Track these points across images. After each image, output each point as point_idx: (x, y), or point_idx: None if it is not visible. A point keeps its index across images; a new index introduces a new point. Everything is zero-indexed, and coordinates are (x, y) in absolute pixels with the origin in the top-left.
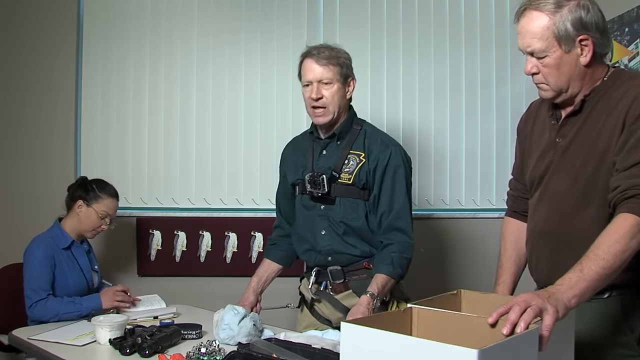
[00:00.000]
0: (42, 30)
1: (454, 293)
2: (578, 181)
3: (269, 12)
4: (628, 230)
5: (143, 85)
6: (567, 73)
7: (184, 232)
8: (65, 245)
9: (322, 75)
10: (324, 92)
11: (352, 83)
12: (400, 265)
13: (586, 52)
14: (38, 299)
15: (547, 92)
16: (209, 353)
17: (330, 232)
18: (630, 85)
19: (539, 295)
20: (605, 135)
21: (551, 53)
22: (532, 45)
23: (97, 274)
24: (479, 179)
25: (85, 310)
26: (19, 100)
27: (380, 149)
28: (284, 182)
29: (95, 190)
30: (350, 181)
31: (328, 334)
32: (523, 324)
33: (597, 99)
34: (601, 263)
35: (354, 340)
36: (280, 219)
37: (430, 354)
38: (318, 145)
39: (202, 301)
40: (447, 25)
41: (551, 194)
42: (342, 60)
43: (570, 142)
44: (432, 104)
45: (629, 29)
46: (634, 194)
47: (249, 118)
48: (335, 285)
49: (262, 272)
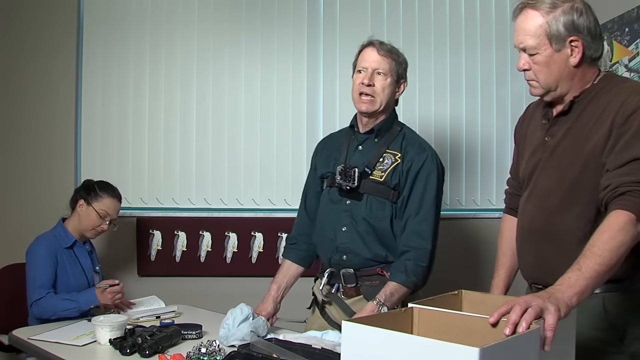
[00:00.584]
0: (42, 30)
1: (455, 293)
2: (564, 181)
3: (268, 13)
4: (622, 227)
5: (143, 85)
6: (556, 71)
7: (184, 232)
8: (68, 245)
9: (379, 65)
10: (376, 82)
11: (403, 85)
12: (414, 274)
13: (576, 53)
14: (38, 297)
15: (537, 89)
16: (209, 353)
17: (351, 230)
18: (619, 89)
19: (539, 296)
20: (593, 137)
21: (542, 50)
22: (525, 41)
23: (99, 275)
24: (479, 179)
25: (83, 304)
26: (19, 100)
27: (417, 151)
28: (314, 175)
29: (96, 190)
30: (382, 179)
31: (328, 335)
32: (525, 323)
33: (586, 101)
34: (598, 260)
35: (356, 340)
36: (302, 215)
37: (432, 353)
38: (355, 140)
39: (202, 301)
40: (447, 25)
41: (538, 193)
42: (401, 59)
43: (558, 142)
44: (432, 104)
45: (629, 29)
46: (624, 190)
47: (249, 118)
48: (347, 288)
49: (280, 278)
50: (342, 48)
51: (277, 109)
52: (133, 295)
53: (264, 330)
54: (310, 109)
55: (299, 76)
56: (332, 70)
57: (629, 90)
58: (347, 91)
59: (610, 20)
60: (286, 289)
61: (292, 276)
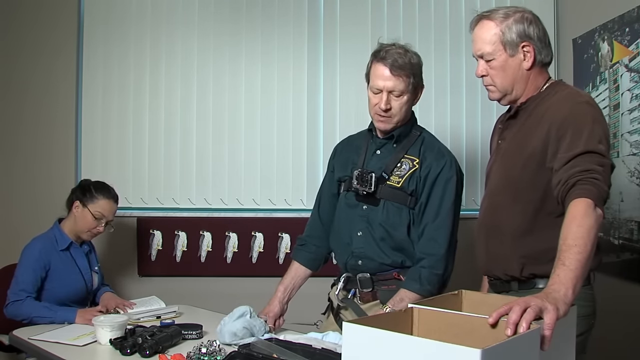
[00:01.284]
0: (43, 30)
1: (455, 293)
2: (507, 180)
3: (269, 12)
4: (584, 213)
5: (143, 85)
6: (511, 75)
7: (184, 232)
8: (64, 247)
9: (394, 87)
10: (393, 102)
11: (421, 91)
12: (429, 282)
13: (528, 57)
14: (15, 299)
15: (494, 94)
16: (210, 353)
17: (366, 235)
18: (558, 97)
19: (538, 296)
20: (533, 140)
21: (498, 56)
22: (482, 49)
23: (98, 274)
24: (480, 180)
25: (58, 318)
26: (19, 99)
27: (436, 157)
28: (330, 177)
29: (92, 191)
30: (399, 184)
31: (328, 336)
32: (525, 323)
33: (532, 107)
34: (576, 249)
35: (357, 340)
36: (315, 217)
37: (434, 354)
38: (373, 144)
39: (203, 301)
40: (447, 24)
41: (489, 191)
42: (416, 69)
43: (507, 145)
44: (432, 104)
45: (630, 29)
46: (575, 181)
47: (249, 118)
48: (363, 293)
49: (288, 280)
50: (342, 47)
51: (277, 108)
52: (133, 296)
53: (260, 331)
54: (311, 108)
55: (300, 75)
56: (333, 70)
57: (564, 97)
58: (348, 90)
59: (610, 20)
60: (293, 291)
61: (300, 278)
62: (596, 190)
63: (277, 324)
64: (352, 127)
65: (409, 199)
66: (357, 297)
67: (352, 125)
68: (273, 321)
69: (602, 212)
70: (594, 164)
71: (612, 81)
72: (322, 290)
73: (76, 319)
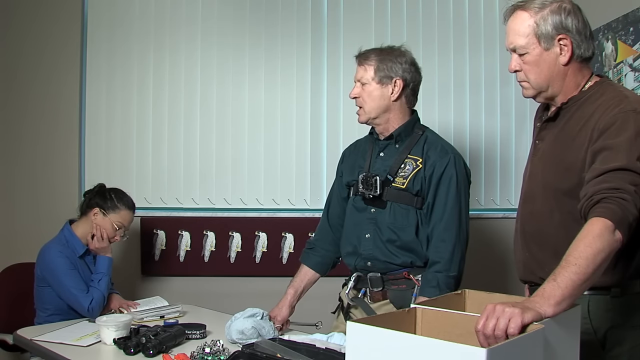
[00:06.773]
0: (46, 31)
1: (458, 293)
2: (546, 188)
3: (272, 14)
4: (598, 234)
5: (147, 86)
6: (546, 70)
7: (188, 232)
8: (80, 254)
9: (361, 75)
10: (361, 92)
11: (397, 83)
12: (447, 285)
13: (565, 51)
14: (89, 300)
15: (528, 90)
16: (213, 353)
17: (375, 237)
18: (603, 100)
19: (515, 304)
20: (574, 148)
21: (531, 50)
22: (515, 42)
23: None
24: (483, 180)
25: (102, 270)
26: (22, 100)
27: (439, 155)
28: (339, 182)
29: (114, 200)
30: (403, 186)
31: (333, 337)
32: (500, 333)
33: (574, 108)
34: (574, 269)
35: (361, 340)
36: (324, 221)
37: (438, 353)
38: (377, 146)
39: (206, 301)
40: (451, 26)
41: (527, 196)
42: (389, 57)
43: (545, 148)
44: (435, 105)
45: (634, 29)
46: (600, 198)
47: (252, 118)
48: (374, 292)
49: (298, 283)
50: (345, 50)
51: (280, 108)
52: (137, 295)
53: (269, 334)
54: (314, 108)
55: (303, 77)
56: (336, 72)
57: (609, 103)
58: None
59: (614, 19)
60: (303, 293)
61: (310, 281)
62: (620, 212)
63: (284, 327)
64: (354, 127)
65: (415, 199)
66: (367, 297)
67: (355, 125)
68: (281, 324)
69: (621, 236)
70: (627, 182)
71: (616, 81)
72: (329, 291)
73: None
